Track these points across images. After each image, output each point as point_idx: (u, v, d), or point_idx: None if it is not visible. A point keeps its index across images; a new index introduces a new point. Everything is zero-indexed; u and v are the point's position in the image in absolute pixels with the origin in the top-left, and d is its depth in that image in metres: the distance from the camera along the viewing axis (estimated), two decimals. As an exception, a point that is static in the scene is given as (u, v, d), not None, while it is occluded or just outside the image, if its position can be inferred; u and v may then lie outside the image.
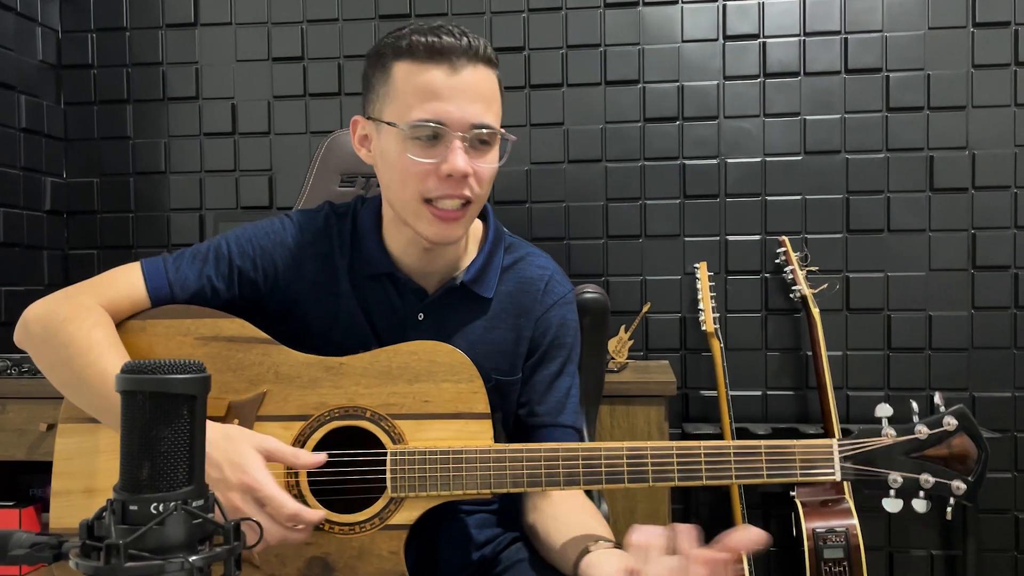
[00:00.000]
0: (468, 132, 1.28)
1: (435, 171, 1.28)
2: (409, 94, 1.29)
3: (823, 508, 2.57)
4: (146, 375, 0.79)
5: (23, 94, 2.94)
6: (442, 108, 1.27)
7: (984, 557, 2.82)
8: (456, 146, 1.27)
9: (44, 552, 0.82)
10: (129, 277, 1.38)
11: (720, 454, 1.24)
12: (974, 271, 2.84)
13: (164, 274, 1.39)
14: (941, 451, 1.23)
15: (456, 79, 1.28)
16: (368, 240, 1.43)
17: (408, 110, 1.28)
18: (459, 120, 1.27)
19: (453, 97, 1.28)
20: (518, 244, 1.53)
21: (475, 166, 1.30)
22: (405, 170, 1.30)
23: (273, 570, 1.27)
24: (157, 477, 0.78)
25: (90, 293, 1.36)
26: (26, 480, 2.58)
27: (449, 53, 1.28)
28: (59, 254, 3.12)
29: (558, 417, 1.46)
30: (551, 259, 1.54)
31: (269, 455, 1.20)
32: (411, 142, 1.29)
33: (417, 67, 1.29)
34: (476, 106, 1.29)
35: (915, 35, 2.85)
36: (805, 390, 2.91)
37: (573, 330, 1.51)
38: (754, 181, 2.91)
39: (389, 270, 1.42)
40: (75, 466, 1.31)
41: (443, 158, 1.28)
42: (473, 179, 1.30)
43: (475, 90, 1.29)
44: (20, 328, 1.37)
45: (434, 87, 1.28)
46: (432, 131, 1.28)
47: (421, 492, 1.27)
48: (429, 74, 1.28)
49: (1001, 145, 2.82)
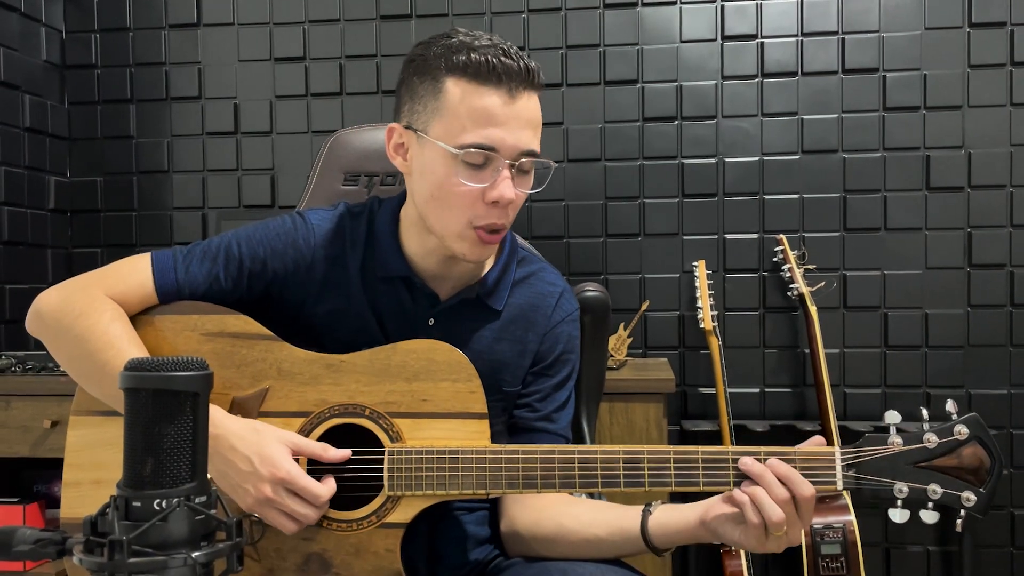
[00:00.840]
0: (517, 159, 1.27)
1: (481, 196, 1.28)
2: (464, 116, 1.26)
3: (820, 505, 2.57)
4: (149, 372, 0.79)
5: (27, 94, 2.94)
6: (497, 135, 1.25)
7: (980, 553, 2.82)
8: (505, 175, 1.27)
9: (48, 548, 0.82)
10: (139, 274, 1.37)
11: (718, 460, 1.22)
12: (970, 269, 2.84)
13: (173, 274, 1.38)
14: (951, 461, 1.19)
15: (513, 106, 1.26)
16: (384, 242, 1.42)
17: (461, 131, 1.26)
18: (511, 147, 1.26)
19: (508, 124, 1.26)
20: (530, 258, 1.53)
21: (517, 192, 1.30)
22: (451, 191, 1.29)
23: (272, 565, 1.27)
24: (160, 473, 0.78)
25: (101, 286, 1.35)
26: (30, 476, 2.58)
27: (508, 78, 1.26)
28: (63, 252, 3.11)
29: (549, 424, 1.46)
30: (561, 276, 1.54)
31: (297, 449, 1.24)
32: (460, 165, 1.27)
33: (474, 88, 1.26)
34: (527, 133, 1.28)
35: (911, 35, 2.85)
36: (802, 387, 2.91)
37: (577, 348, 1.52)
38: (752, 180, 2.91)
39: (405, 274, 1.40)
40: (86, 457, 1.32)
41: (491, 183, 1.27)
42: (512, 205, 1.31)
43: (528, 118, 1.28)
44: (33, 318, 1.36)
45: (491, 112, 1.25)
46: (484, 157, 1.26)
47: (418, 491, 1.27)
48: (488, 98, 1.26)
49: (997, 144, 2.82)
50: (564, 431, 1.48)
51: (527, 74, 1.27)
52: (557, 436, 1.46)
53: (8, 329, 2.75)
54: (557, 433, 1.46)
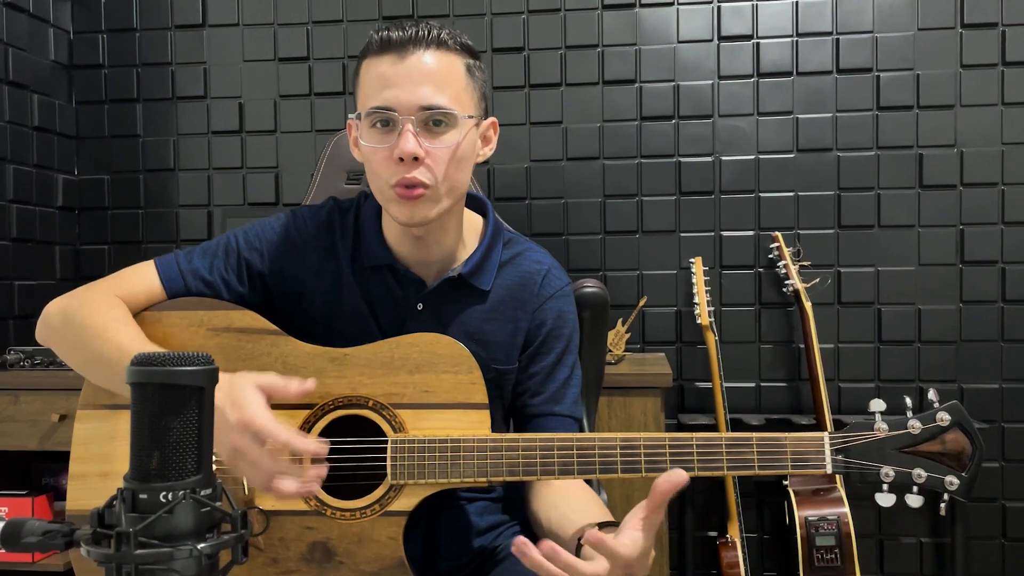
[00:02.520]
0: (416, 114, 1.28)
1: (391, 156, 1.29)
2: (366, 85, 1.32)
3: (815, 497, 2.57)
4: (155, 367, 0.79)
5: (36, 93, 2.94)
6: (391, 93, 1.28)
7: (972, 545, 2.82)
8: (406, 130, 1.28)
9: (56, 539, 0.82)
10: (143, 272, 1.41)
11: (712, 446, 1.23)
12: (962, 266, 2.84)
13: (176, 267, 1.41)
14: (934, 447, 1.21)
15: (402, 65, 1.29)
16: (369, 233, 1.44)
17: (366, 101, 1.32)
18: (407, 103, 1.28)
19: (400, 82, 1.29)
20: (516, 239, 1.53)
21: (429, 148, 1.29)
22: (371, 158, 1.33)
23: (276, 554, 1.27)
24: (166, 466, 0.78)
25: (106, 287, 1.38)
26: (38, 469, 2.58)
27: (398, 43, 1.30)
28: (71, 249, 3.11)
29: (555, 407, 1.46)
30: (548, 254, 1.53)
31: (271, 391, 1.20)
32: (369, 131, 1.32)
33: (372, 60, 1.32)
34: (424, 88, 1.29)
35: (904, 36, 2.85)
36: (797, 382, 2.90)
37: (571, 322, 1.50)
38: (748, 178, 2.91)
39: (388, 261, 1.42)
40: (92, 451, 1.32)
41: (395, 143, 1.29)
42: (429, 160, 1.30)
43: (421, 72, 1.29)
44: (41, 324, 1.39)
45: (384, 75, 1.30)
46: (383, 117, 1.29)
47: (420, 479, 1.27)
48: (381, 65, 1.30)
49: (988, 143, 2.82)
50: (571, 409, 1.47)
51: (416, 36, 1.30)
52: (564, 417, 1.46)
53: (17, 324, 2.75)
54: (564, 414, 1.46)
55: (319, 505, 1.28)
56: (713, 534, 2.88)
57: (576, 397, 1.49)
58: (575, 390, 1.49)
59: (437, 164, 1.31)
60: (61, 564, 2.41)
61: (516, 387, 1.48)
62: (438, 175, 1.31)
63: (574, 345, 1.51)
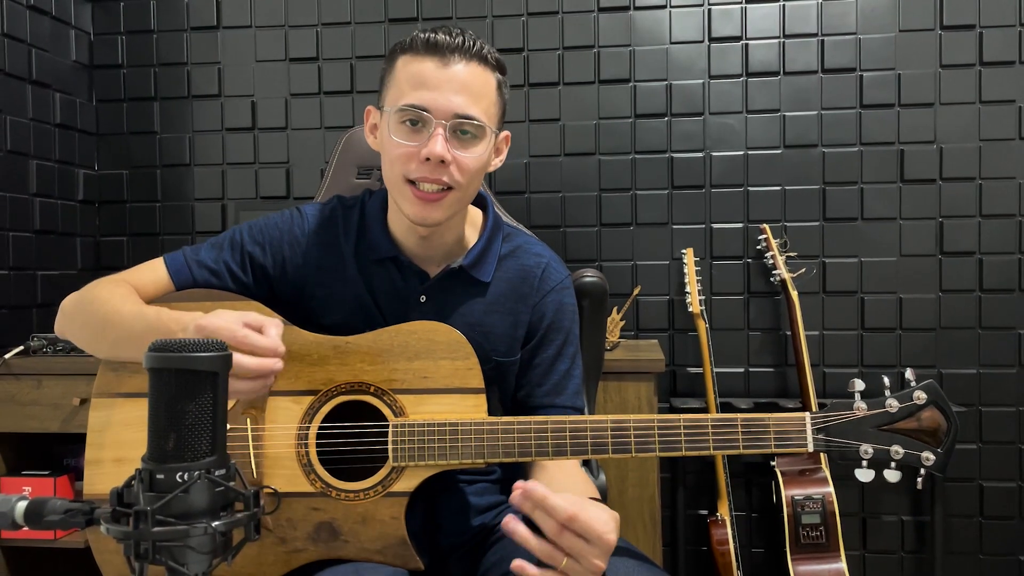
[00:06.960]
0: (450, 120, 1.28)
1: (416, 154, 1.29)
2: (403, 81, 1.31)
3: (801, 477, 2.57)
4: (172, 353, 0.79)
5: (58, 92, 2.93)
6: (428, 96, 1.28)
7: (951, 522, 2.82)
8: (437, 133, 1.28)
9: (77, 518, 0.83)
10: (152, 265, 1.43)
11: (698, 426, 1.24)
12: (941, 256, 2.83)
13: (183, 259, 1.43)
14: (911, 424, 1.22)
15: (444, 71, 1.29)
16: (374, 227, 1.44)
17: (400, 96, 1.31)
18: (443, 108, 1.28)
19: (440, 87, 1.28)
20: (516, 233, 1.53)
21: (456, 155, 1.30)
22: (391, 151, 1.33)
23: (284, 534, 1.28)
24: (182, 448, 0.79)
25: (117, 277, 1.40)
26: (60, 451, 2.58)
27: (443, 48, 1.29)
28: (91, 241, 3.11)
29: (556, 398, 1.46)
30: (547, 247, 1.53)
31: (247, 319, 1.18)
32: (398, 125, 1.31)
33: (412, 58, 1.31)
34: (461, 97, 1.29)
35: (886, 37, 2.84)
36: (784, 367, 2.90)
37: (570, 314, 1.50)
38: (737, 173, 2.90)
39: (393, 254, 1.42)
40: (106, 437, 1.32)
41: (425, 143, 1.29)
42: (454, 167, 1.30)
43: (461, 82, 1.30)
44: (58, 316, 1.41)
45: (424, 76, 1.29)
46: (415, 115, 1.29)
47: (420, 461, 1.28)
48: (422, 65, 1.30)
49: (967, 140, 2.81)
50: (572, 400, 1.47)
51: (462, 45, 1.30)
52: (566, 408, 1.45)
53: (39, 313, 2.74)
54: (565, 405, 1.46)
55: (324, 487, 1.29)
56: (704, 512, 2.89)
57: (578, 388, 1.49)
58: (576, 381, 1.49)
59: (461, 172, 1.32)
60: (82, 541, 2.41)
61: (518, 379, 1.47)
62: (460, 181, 1.32)
63: (574, 336, 1.50)
